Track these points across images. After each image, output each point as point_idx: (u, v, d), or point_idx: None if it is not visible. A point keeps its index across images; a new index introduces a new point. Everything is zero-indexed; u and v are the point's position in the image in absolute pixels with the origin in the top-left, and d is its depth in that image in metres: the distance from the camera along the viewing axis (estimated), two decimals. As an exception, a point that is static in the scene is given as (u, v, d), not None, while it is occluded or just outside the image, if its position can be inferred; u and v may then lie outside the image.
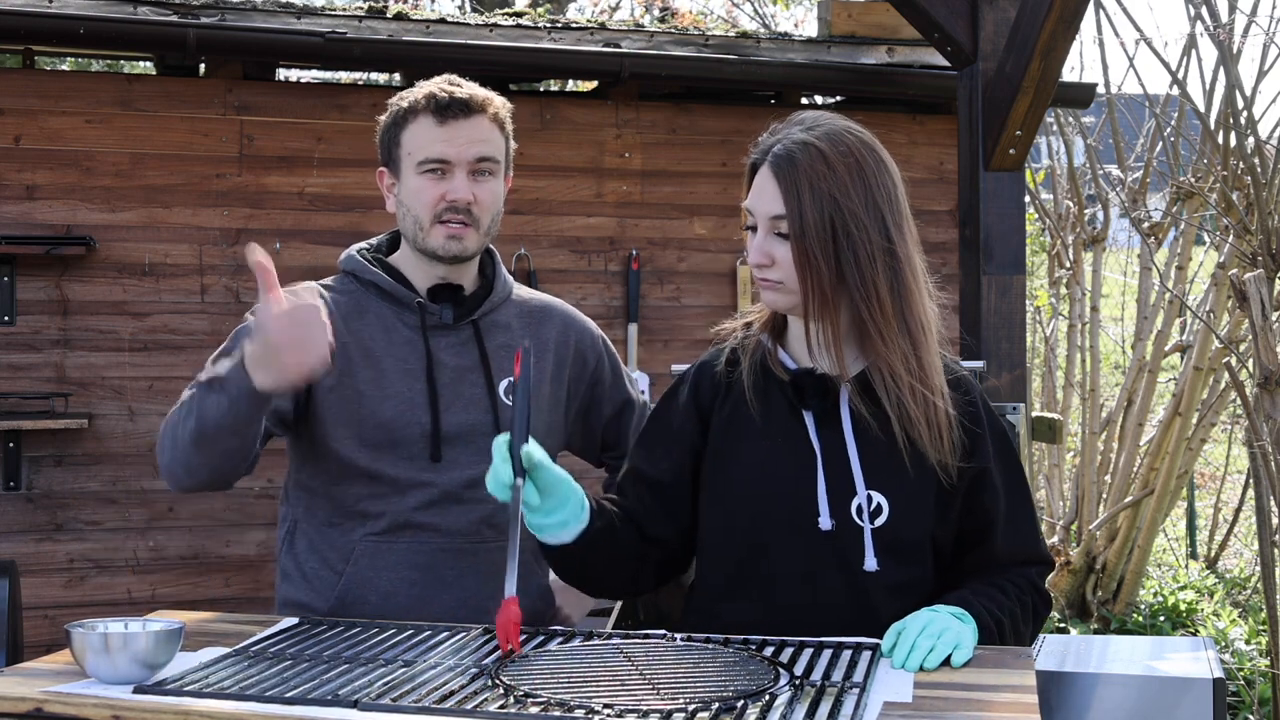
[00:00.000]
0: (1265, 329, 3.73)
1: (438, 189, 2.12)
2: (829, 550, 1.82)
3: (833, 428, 1.86)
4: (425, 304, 2.18)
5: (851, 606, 1.81)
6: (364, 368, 2.15)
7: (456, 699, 1.47)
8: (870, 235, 1.79)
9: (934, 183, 5.27)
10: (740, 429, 1.90)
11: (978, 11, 4.17)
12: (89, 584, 4.47)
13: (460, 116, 2.12)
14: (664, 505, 1.93)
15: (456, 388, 2.16)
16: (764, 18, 9.96)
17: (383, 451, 2.13)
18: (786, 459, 1.86)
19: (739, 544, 1.87)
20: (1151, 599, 6.14)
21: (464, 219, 2.13)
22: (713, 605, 1.89)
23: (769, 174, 1.82)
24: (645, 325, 5.00)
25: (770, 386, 1.90)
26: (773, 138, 1.86)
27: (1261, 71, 5.95)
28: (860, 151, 1.82)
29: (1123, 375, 7.11)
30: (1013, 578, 1.89)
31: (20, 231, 4.41)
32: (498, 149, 2.17)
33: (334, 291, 2.22)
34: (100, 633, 1.58)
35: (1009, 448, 1.94)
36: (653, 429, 2.00)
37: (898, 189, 1.84)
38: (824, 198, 1.78)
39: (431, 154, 2.12)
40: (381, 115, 2.23)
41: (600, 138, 5.02)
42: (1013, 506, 1.91)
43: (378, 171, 2.23)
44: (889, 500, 1.83)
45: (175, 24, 4.30)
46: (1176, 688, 2.18)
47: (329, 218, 4.71)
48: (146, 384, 4.55)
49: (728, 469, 1.89)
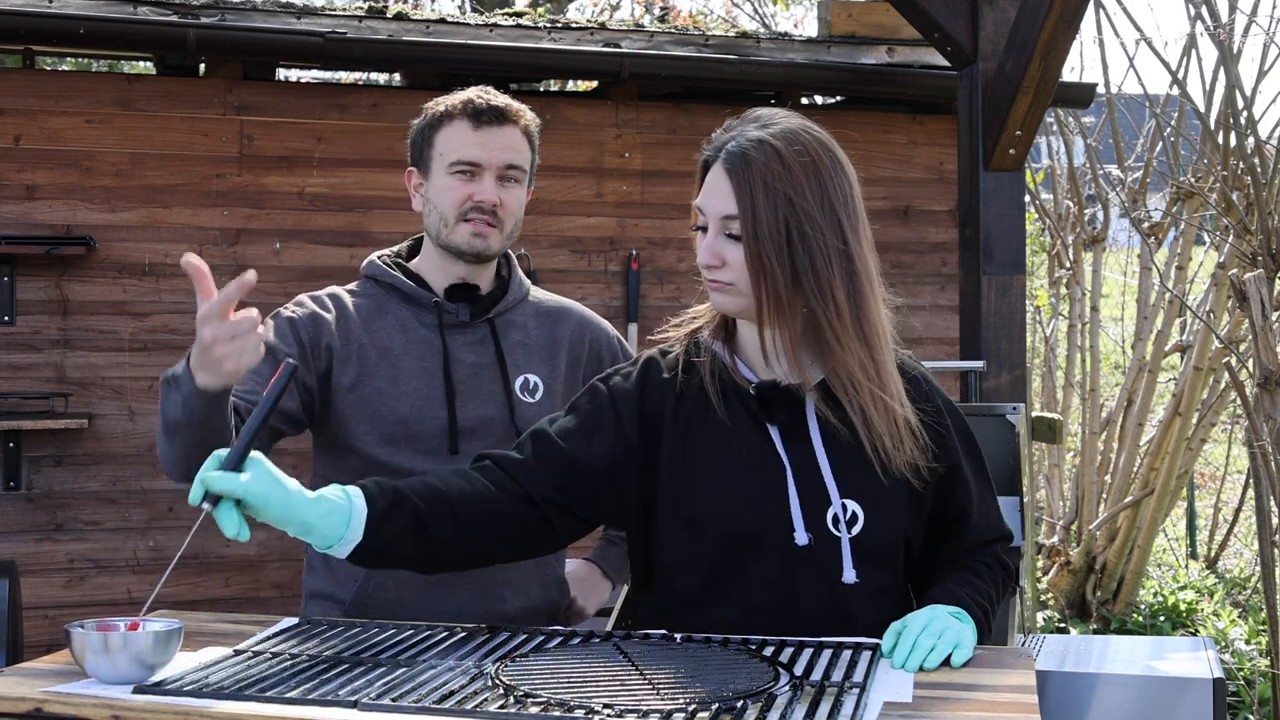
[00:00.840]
0: (1265, 329, 3.73)
1: (466, 189, 2.20)
2: (805, 564, 1.78)
3: (799, 438, 1.81)
4: (442, 303, 2.25)
5: (828, 617, 1.78)
6: (382, 367, 2.21)
7: (456, 699, 1.47)
8: (826, 238, 1.74)
9: (934, 183, 5.27)
10: (700, 443, 1.82)
11: (978, 11, 4.17)
12: (89, 584, 4.48)
13: (495, 123, 2.21)
14: (565, 486, 1.82)
15: (473, 383, 2.23)
16: (764, 18, 9.96)
17: (401, 446, 2.19)
18: (754, 472, 1.80)
19: (710, 562, 1.81)
20: (1151, 599, 6.14)
21: (489, 219, 2.21)
22: (683, 617, 1.81)
23: (722, 172, 1.77)
24: (645, 325, 5.00)
25: (729, 398, 1.83)
26: (726, 134, 1.80)
27: (1261, 71, 5.95)
28: (816, 151, 1.77)
29: (1123, 375, 7.11)
30: (983, 558, 1.89)
31: (20, 231, 4.41)
32: (525, 159, 2.26)
33: (355, 295, 2.29)
34: (100, 633, 1.58)
35: (968, 434, 1.92)
36: (579, 411, 1.88)
37: (854, 190, 1.79)
38: (779, 198, 1.73)
39: (464, 156, 2.20)
40: (382, 115, 2.26)
41: (600, 138, 5.02)
42: (979, 492, 1.90)
43: (406, 172, 2.30)
44: (864, 507, 1.80)
45: (175, 24, 4.30)
46: (1176, 688, 2.18)
47: (329, 218, 4.71)
48: (146, 384, 4.55)
49: (692, 485, 1.81)
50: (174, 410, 1.92)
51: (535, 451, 1.84)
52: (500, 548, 1.86)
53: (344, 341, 2.21)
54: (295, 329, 2.19)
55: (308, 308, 2.24)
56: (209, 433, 1.96)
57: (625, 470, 1.84)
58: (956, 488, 1.87)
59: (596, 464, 1.83)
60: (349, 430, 2.20)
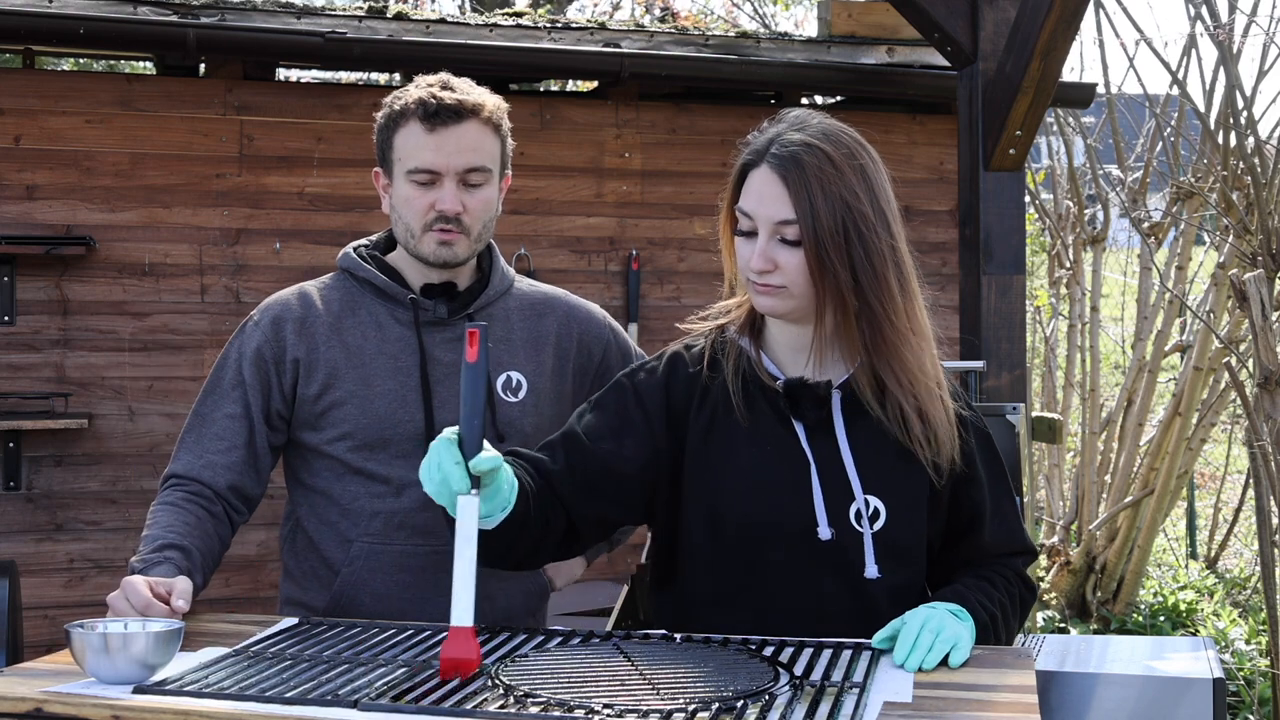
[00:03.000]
0: (1265, 329, 3.73)
1: (427, 198, 2.10)
2: (828, 559, 1.80)
3: (824, 434, 1.83)
4: (418, 300, 2.17)
5: (852, 613, 1.80)
6: (350, 370, 2.14)
7: (456, 699, 1.47)
8: (880, 236, 1.76)
9: (934, 183, 5.27)
10: (724, 437, 1.84)
11: (978, 11, 4.17)
12: (89, 584, 4.47)
13: (450, 123, 2.09)
14: (596, 487, 1.83)
15: (451, 384, 2.14)
16: (764, 18, 9.95)
17: (375, 451, 2.13)
18: (778, 467, 1.82)
19: (734, 556, 1.83)
20: (1151, 599, 6.14)
21: (454, 227, 2.11)
22: (707, 616, 1.84)
23: (773, 177, 1.76)
24: (645, 325, 5.00)
25: (754, 393, 1.85)
26: (765, 137, 1.80)
27: (1261, 71, 5.94)
28: (860, 151, 1.80)
29: (1123, 375, 7.11)
30: (1000, 569, 1.90)
31: (20, 231, 4.41)
32: (489, 156, 2.13)
33: (327, 290, 2.22)
34: (100, 633, 1.58)
35: (989, 441, 1.93)
36: (607, 408, 1.88)
37: (891, 185, 1.83)
38: (835, 200, 1.74)
39: (420, 163, 2.09)
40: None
41: (600, 138, 5.02)
42: (997, 499, 1.91)
43: (374, 172, 2.22)
44: (886, 504, 1.82)
45: (175, 24, 4.30)
46: (1176, 688, 2.18)
47: (329, 218, 4.71)
48: (146, 384, 4.55)
49: (716, 479, 1.84)
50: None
51: (569, 459, 1.84)
52: (527, 554, 1.84)
53: (309, 349, 2.14)
54: (259, 351, 2.14)
55: (270, 318, 2.17)
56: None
57: (656, 467, 1.86)
58: (970, 489, 1.88)
59: (631, 465, 1.84)
60: (320, 436, 2.14)
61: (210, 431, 2.12)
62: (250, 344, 2.16)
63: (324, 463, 2.16)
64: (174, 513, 2.03)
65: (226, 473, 2.10)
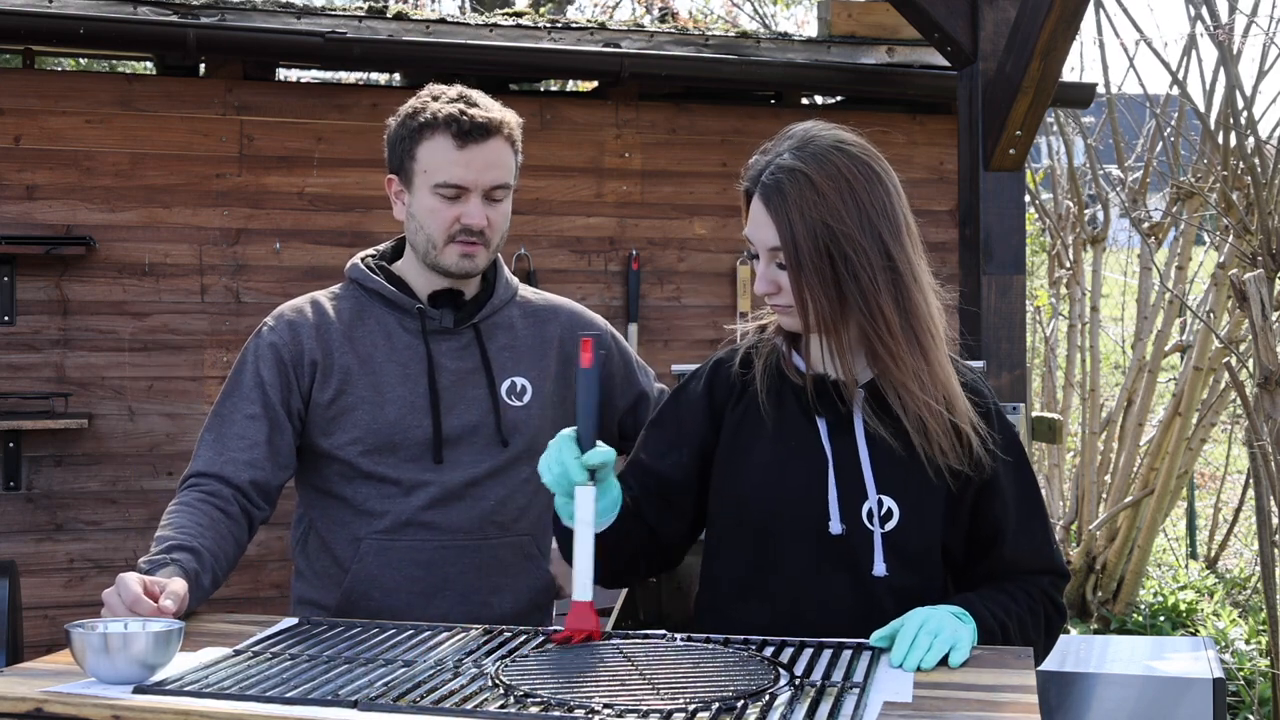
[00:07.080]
0: (1265, 329, 3.74)
1: (453, 211, 2.16)
2: (838, 554, 1.83)
3: (845, 433, 1.86)
4: (425, 309, 2.22)
5: (860, 610, 1.81)
6: (363, 376, 2.19)
7: (456, 699, 1.47)
8: (869, 255, 1.78)
9: (934, 183, 5.27)
10: (752, 431, 1.90)
11: (978, 11, 4.17)
12: (89, 584, 4.47)
13: (479, 140, 2.14)
14: (671, 502, 1.93)
15: (458, 390, 2.20)
16: (764, 18, 9.96)
17: (385, 454, 2.17)
18: (798, 463, 1.86)
19: (749, 546, 1.87)
20: (1151, 599, 6.14)
21: (477, 239, 2.18)
22: (724, 606, 1.89)
23: (759, 205, 1.83)
24: (645, 325, 5.00)
25: (784, 390, 1.90)
26: (762, 160, 1.85)
27: (1261, 71, 5.94)
28: (849, 170, 1.81)
29: (1123, 375, 7.11)
30: (1024, 585, 1.87)
31: (20, 231, 4.41)
32: (511, 171, 2.21)
33: (337, 300, 2.26)
34: (100, 633, 1.58)
35: (1021, 454, 1.92)
36: (664, 424, 1.99)
37: (892, 198, 1.83)
38: (816, 225, 1.77)
39: (450, 178, 2.14)
40: (382, 115, 2.24)
41: (600, 138, 5.02)
42: (1023, 514, 1.89)
43: (387, 178, 2.25)
44: (900, 506, 1.83)
45: (175, 24, 4.30)
46: (1176, 688, 2.18)
47: (329, 218, 4.71)
48: (146, 384, 4.55)
49: (739, 471, 1.89)
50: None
51: (643, 483, 1.94)
52: (627, 566, 1.95)
53: (325, 353, 2.19)
54: (277, 352, 2.18)
55: (286, 321, 2.21)
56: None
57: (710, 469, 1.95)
58: (993, 500, 1.87)
59: (689, 472, 1.93)
60: (331, 440, 2.18)
61: (231, 431, 2.15)
62: (268, 346, 2.19)
63: (335, 466, 2.19)
64: (187, 513, 2.04)
65: (248, 468, 2.11)
